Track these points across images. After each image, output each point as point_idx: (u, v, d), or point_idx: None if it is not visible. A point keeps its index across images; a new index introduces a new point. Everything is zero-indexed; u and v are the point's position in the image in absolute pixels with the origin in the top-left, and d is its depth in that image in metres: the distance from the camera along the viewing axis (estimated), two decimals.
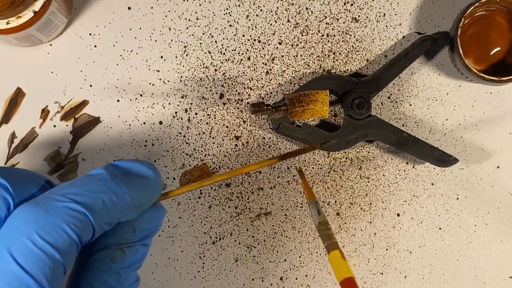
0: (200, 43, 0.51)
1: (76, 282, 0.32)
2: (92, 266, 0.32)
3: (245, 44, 0.51)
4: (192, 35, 0.51)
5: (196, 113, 0.51)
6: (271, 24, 0.52)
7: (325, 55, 0.52)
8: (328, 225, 0.37)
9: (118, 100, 0.50)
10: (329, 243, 0.35)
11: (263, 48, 0.52)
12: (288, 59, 0.52)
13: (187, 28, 0.51)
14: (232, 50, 0.51)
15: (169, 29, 0.51)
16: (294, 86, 0.52)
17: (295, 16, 0.52)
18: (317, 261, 0.53)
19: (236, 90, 0.51)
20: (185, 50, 0.51)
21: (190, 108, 0.51)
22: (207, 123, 0.51)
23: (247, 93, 0.51)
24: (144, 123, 0.51)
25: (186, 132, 0.51)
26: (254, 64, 0.51)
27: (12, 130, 0.50)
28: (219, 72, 0.51)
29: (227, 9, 0.51)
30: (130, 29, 0.51)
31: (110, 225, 0.31)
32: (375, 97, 0.52)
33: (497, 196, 0.54)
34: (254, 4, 0.51)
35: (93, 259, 0.32)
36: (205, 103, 0.51)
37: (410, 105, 0.53)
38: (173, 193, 0.35)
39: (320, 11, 0.52)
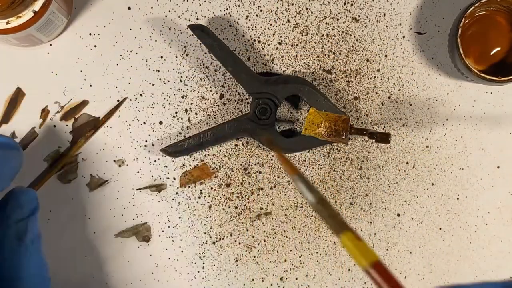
0: (200, 43, 0.51)
1: None
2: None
3: (245, 44, 0.51)
4: (192, 35, 0.51)
5: (196, 113, 0.51)
6: (271, 24, 0.52)
7: (325, 55, 0.52)
8: (328, 202, 0.30)
9: (118, 100, 0.50)
10: (335, 223, 0.28)
11: (263, 48, 0.51)
12: (288, 59, 0.52)
13: (187, 28, 0.51)
14: (232, 50, 0.51)
15: (169, 29, 0.51)
16: None
17: (295, 16, 0.52)
18: (317, 261, 0.52)
19: (236, 90, 0.51)
20: (185, 50, 0.51)
21: (190, 108, 0.51)
22: (207, 123, 0.51)
23: (247, 93, 0.51)
24: (144, 123, 0.51)
25: (186, 132, 0.51)
26: (254, 64, 0.51)
27: (12, 130, 0.50)
28: (219, 72, 0.51)
29: (227, 9, 0.51)
30: (130, 29, 0.51)
31: None
32: (375, 97, 0.52)
33: (497, 196, 0.54)
34: (254, 4, 0.51)
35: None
36: (205, 103, 0.51)
37: (411, 105, 0.53)
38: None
39: (320, 11, 0.52)
